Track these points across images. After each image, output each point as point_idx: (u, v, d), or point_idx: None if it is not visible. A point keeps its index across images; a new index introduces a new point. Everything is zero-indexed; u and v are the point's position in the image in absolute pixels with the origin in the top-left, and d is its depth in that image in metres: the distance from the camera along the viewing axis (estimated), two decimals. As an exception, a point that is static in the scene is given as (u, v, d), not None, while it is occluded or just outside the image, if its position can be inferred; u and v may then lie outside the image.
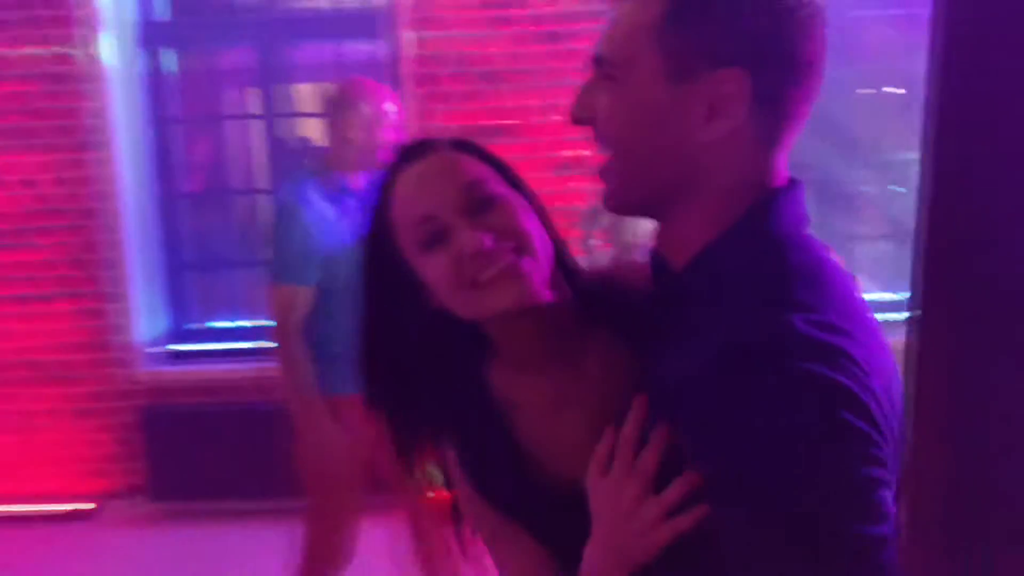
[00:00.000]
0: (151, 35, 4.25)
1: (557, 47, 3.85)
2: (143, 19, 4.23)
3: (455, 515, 1.19)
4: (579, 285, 1.13)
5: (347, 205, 2.59)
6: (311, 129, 4.68)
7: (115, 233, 4.05)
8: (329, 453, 2.62)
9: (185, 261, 4.44)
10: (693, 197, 0.90)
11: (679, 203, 0.91)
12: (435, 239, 1.04)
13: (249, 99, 4.69)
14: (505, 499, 1.10)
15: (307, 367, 2.57)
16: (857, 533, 0.72)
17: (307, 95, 4.89)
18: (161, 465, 4.03)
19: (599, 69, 0.92)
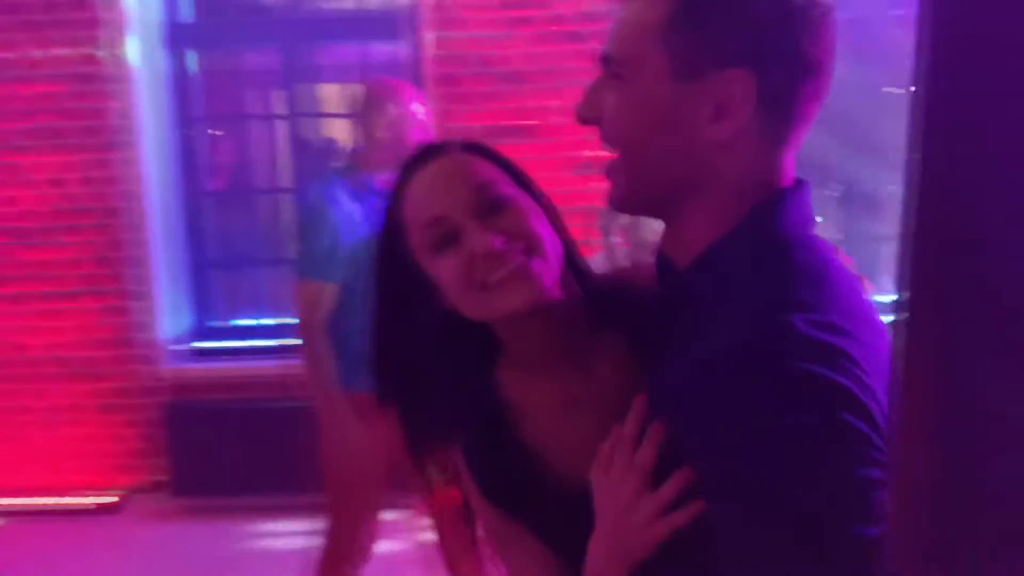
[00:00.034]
0: (176, 36, 4.30)
1: (577, 47, 3.84)
2: (169, 21, 4.28)
3: (468, 515, 1.19)
4: (589, 287, 1.13)
5: (374, 204, 2.61)
6: (334, 129, 4.71)
7: (140, 231, 4.10)
8: (352, 450, 2.63)
9: (209, 259, 4.49)
10: (699, 197, 0.89)
11: (685, 202, 0.90)
12: (446, 241, 1.04)
13: (273, 99, 4.73)
14: (512, 501, 1.10)
15: (331, 364, 2.59)
16: (855, 534, 0.72)
17: (330, 95, 4.93)
18: (184, 461, 4.07)
19: (606, 68, 0.92)
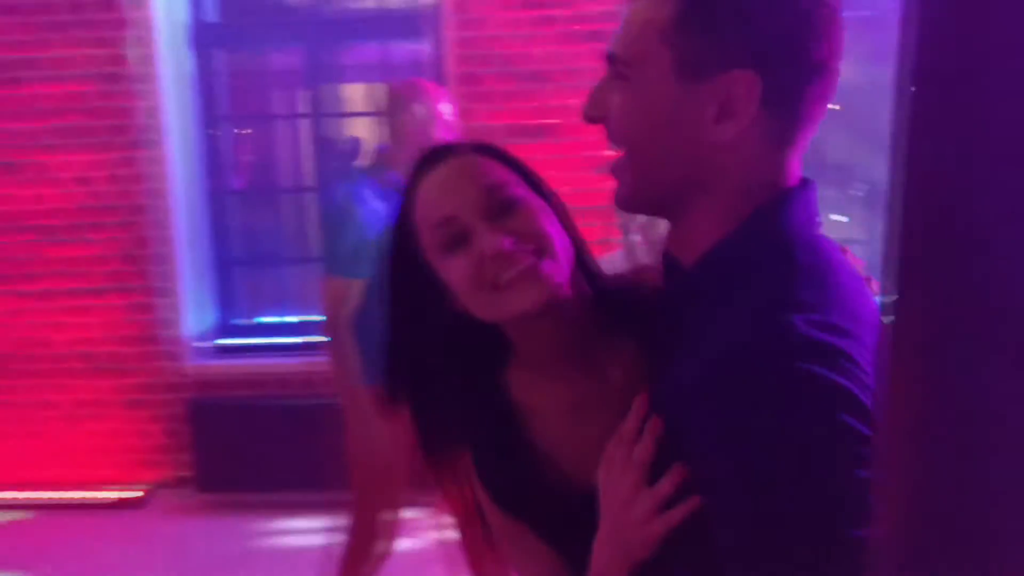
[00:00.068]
0: (202, 36, 4.34)
1: (599, 46, 3.75)
2: (194, 21, 4.32)
3: (481, 515, 1.19)
4: (600, 288, 1.13)
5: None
6: (358, 128, 4.73)
7: (165, 229, 4.14)
8: (378, 446, 2.64)
9: (233, 257, 4.53)
10: (704, 196, 0.89)
11: (690, 202, 0.90)
12: (456, 241, 1.04)
13: (297, 98, 4.76)
14: (520, 503, 1.10)
15: (356, 360, 2.61)
16: (853, 535, 0.72)
17: (354, 95, 4.95)
18: (208, 456, 4.11)
19: (612, 68, 0.93)
